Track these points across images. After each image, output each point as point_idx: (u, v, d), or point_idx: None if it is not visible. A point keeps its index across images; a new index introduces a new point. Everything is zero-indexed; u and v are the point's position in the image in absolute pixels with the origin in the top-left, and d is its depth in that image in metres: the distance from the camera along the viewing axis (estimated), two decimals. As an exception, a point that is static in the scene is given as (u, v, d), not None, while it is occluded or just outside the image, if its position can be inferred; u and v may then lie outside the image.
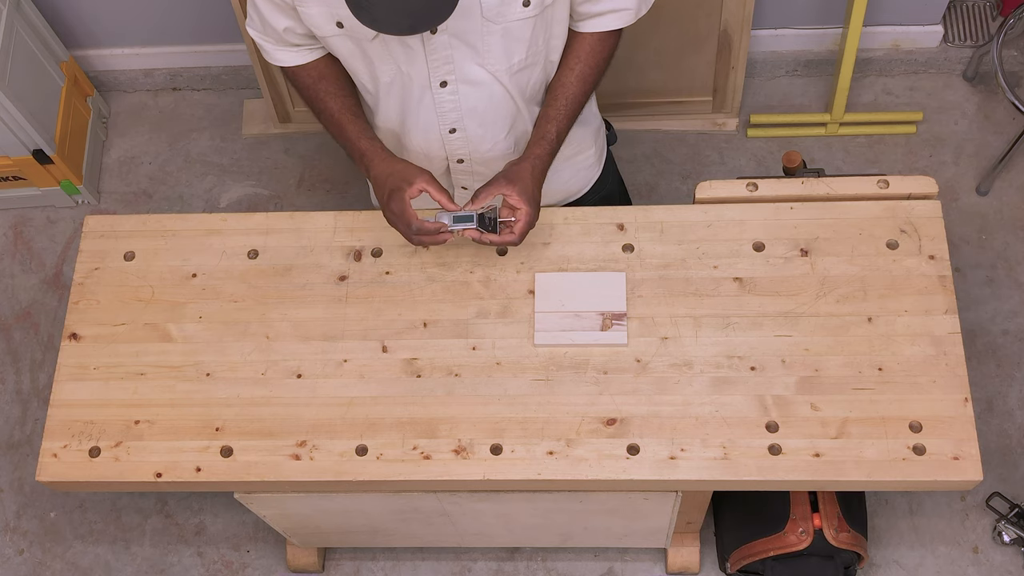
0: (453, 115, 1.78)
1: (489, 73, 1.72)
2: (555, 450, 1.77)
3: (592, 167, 2.09)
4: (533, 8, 1.64)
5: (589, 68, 1.79)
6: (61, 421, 1.86)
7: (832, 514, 2.17)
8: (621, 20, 1.76)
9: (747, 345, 1.82)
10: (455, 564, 2.56)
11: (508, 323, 1.87)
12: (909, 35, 2.96)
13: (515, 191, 1.73)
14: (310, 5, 1.64)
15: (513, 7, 1.62)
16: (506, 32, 1.66)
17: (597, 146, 2.08)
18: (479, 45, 1.67)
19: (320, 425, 1.81)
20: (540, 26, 1.69)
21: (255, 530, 2.63)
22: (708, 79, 2.88)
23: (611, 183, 2.20)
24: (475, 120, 1.80)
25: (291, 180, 3.05)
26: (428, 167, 1.88)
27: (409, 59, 1.68)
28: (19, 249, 3.02)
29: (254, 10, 1.75)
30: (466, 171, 1.91)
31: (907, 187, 1.93)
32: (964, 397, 1.76)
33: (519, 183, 1.74)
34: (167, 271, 1.96)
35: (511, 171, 1.76)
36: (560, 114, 1.79)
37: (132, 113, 3.18)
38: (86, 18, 2.97)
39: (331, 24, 1.65)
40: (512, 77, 1.74)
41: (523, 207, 1.74)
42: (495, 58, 1.70)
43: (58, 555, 2.64)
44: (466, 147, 1.85)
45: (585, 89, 1.81)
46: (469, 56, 1.68)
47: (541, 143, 1.79)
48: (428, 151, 1.86)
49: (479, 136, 1.83)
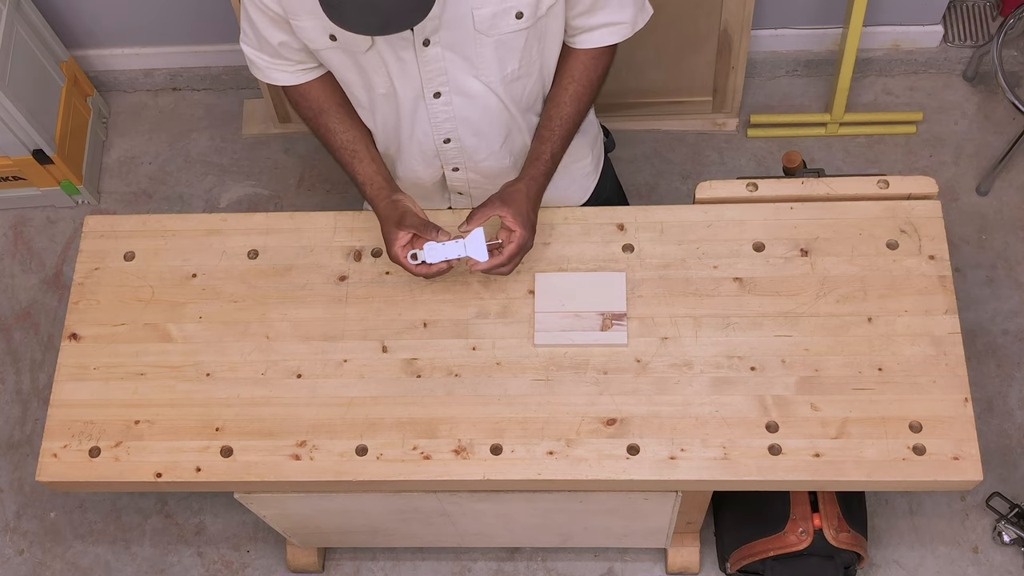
0: (447, 125, 1.77)
1: (483, 84, 1.71)
2: (555, 450, 1.77)
3: (589, 176, 2.09)
4: (526, 20, 1.62)
5: (583, 87, 1.78)
6: (61, 421, 1.86)
7: (832, 514, 2.17)
8: (616, 35, 1.74)
9: (747, 345, 1.82)
10: (455, 564, 2.56)
11: (508, 323, 1.87)
12: (909, 35, 2.96)
13: (510, 212, 1.75)
14: (303, 18, 1.62)
15: (506, 20, 1.61)
16: (499, 44, 1.65)
17: (594, 154, 2.07)
18: (472, 56, 1.66)
19: (320, 425, 1.81)
20: (533, 37, 1.67)
21: (255, 530, 2.63)
22: (708, 79, 2.88)
23: (609, 189, 2.19)
24: (469, 130, 1.79)
25: (291, 180, 3.05)
26: (423, 175, 1.89)
27: (402, 71, 1.67)
28: (19, 249, 3.02)
29: (248, 25, 1.73)
30: (461, 179, 1.91)
31: (907, 187, 1.93)
32: (964, 397, 1.76)
33: (513, 205, 1.75)
34: (167, 271, 1.96)
35: (506, 192, 1.77)
36: (554, 135, 1.80)
37: (132, 113, 3.19)
38: (86, 18, 2.97)
39: (324, 37, 1.64)
40: (506, 87, 1.73)
41: (517, 229, 1.75)
42: (489, 69, 1.68)
43: (58, 555, 2.65)
44: (461, 156, 1.85)
45: (579, 108, 1.80)
46: (462, 67, 1.67)
47: (536, 164, 1.80)
48: (424, 160, 1.86)
49: (474, 146, 1.82)
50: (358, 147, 1.83)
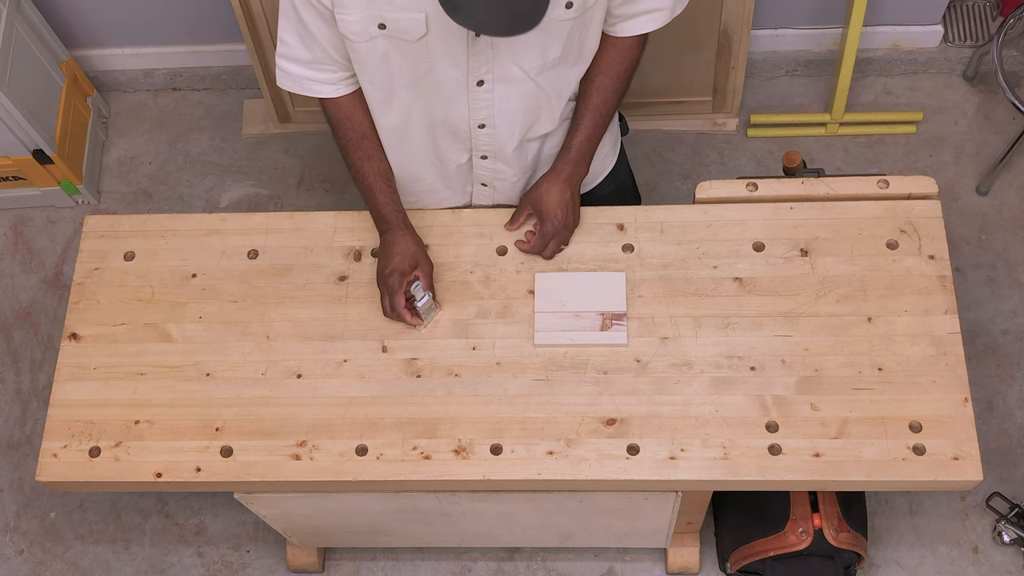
0: (485, 112, 1.78)
1: (523, 71, 1.72)
2: (555, 450, 1.77)
3: (607, 156, 2.11)
4: (575, 10, 1.65)
5: (613, 79, 1.84)
6: (61, 421, 1.86)
7: (832, 514, 2.17)
8: (655, 22, 1.77)
9: (747, 345, 1.82)
10: (455, 564, 2.56)
11: (508, 323, 1.87)
12: (909, 35, 2.96)
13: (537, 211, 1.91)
14: (352, 11, 1.62)
15: (556, 10, 1.63)
16: (545, 32, 1.66)
17: (612, 135, 2.09)
18: (518, 44, 1.68)
19: (320, 425, 1.81)
20: (578, 26, 1.70)
21: (255, 530, 2.63)
22: (708, 79, 2.88)
23: (624, 173, 2.22)
24: (506, 117, 1.80)
25: (291, 180, 3.05)
26: (450, 160, 1.89)
27: (450, 59, 1.68)
28: (19, 249, 3.02)
29: (291, 33, 1.72)
30: (489, 168, 1.91)
31: (907, 187, 1.93)
32: (964, 397, 1.76)
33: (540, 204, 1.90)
34: (167, 271, 1.96)
35: (533, 193, 1.92)
36: (587, 125, 1.86)
37: (132, 113, 3.18)
38: (86, 18, 2.97)
39: (371, 27, 1.64)
40: (544, 75, 1.75)
41: (539, 223, 1.91)
42: (531, 56, 1.70)
43: (58, 555, 2.64)
44: (492, 144, 1.85)
45: (607, 98, 1.85)
46: (508, 55, 1.69)
47: (565, 155, 1.89)
48: (455, 142, 1.86)
49: (507, 133, 1.84)
50: (391, 176, 1.90)
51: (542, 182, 1.90)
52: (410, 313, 1.85)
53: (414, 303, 1.85)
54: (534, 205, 1.91)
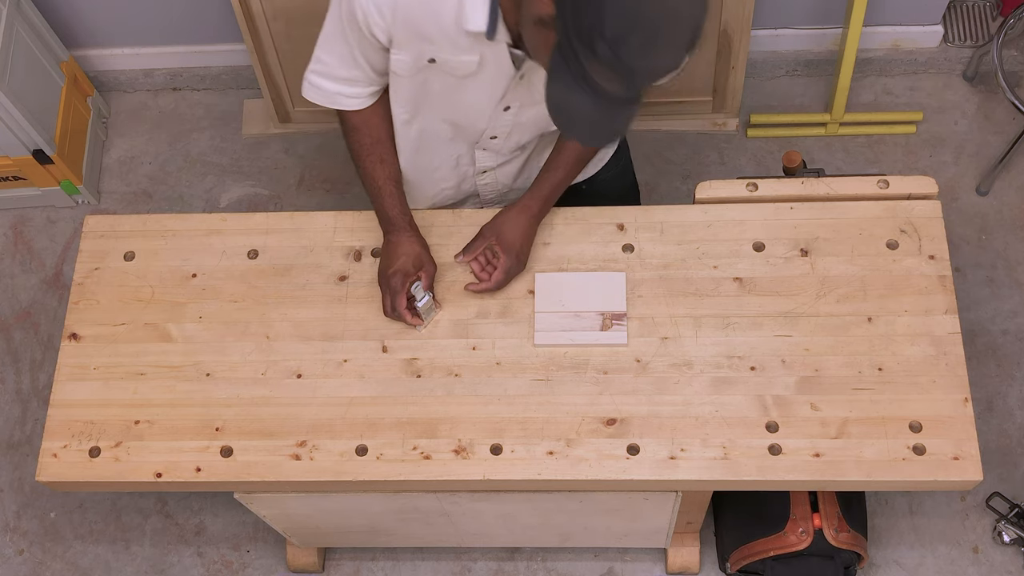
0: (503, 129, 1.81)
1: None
2: (555, 450, 1.77)
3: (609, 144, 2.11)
4: None
5: None
6: (61, 421, 1.86)
7: (832, 514, 2.17)
8: None
9: (747, 345, 1.82)
10: (455, 564, 2.56)
11: (508, 323, 1.87)
12: (909, 35, 2.96)
13: (498, 242, 1.87)
14: (407, 51, 1.65)
15: None
16: None
17: None
18: None
19: (320, 425, 1.81)
20: None
21: (255, 530, 2.63)
22: (708, 79, 2.88)
23: (625, 160, 2.22)
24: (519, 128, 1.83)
25: (291, 180, 3.05)
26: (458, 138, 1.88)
27: (489, 91, 1.71)
28: (19, 249, 3.02)
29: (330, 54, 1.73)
30: (494, 150, 1.90)
31: (907, 187, 1.93)
32: (964, 397, 1.76)
33: (502, 235, 1.87)
34: (167, 271, 1.96)
35: (497, 222, 1.89)
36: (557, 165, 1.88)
37: (132, 113, 3.18)
38: (86, 18, 2.97)
39: (422, 62, 1.66)
40: None
41: (501, 256, 1.86)
42: None
43: (58, 555, 2.64)
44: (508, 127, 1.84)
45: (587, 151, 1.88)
46: (539, 87, 1.68)
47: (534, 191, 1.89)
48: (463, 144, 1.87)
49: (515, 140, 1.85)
50: (400, 179, 1.90)
51: (509, 213, 1.88)
52: (410, 313, 1.86)
53: (414, 303, 1.85)
54: (498, 236, 1.87)
